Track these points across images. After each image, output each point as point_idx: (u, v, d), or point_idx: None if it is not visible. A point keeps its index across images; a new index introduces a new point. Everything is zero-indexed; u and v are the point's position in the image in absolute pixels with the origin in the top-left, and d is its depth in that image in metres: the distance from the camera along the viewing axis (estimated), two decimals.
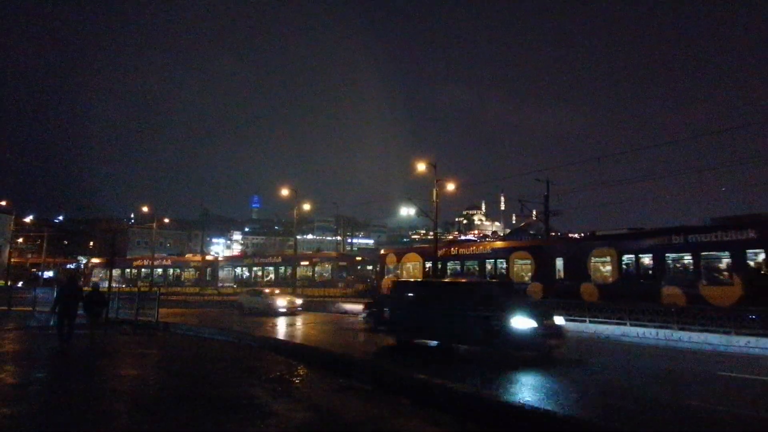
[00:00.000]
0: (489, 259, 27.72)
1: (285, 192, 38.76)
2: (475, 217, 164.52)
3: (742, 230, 18.37)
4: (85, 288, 17.16)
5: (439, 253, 29.71)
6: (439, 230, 30.93)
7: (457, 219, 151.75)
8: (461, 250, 29.95)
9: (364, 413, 6.78)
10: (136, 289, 30.46)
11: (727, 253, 18.76)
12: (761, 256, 17.71)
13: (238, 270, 44.16)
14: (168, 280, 46.75)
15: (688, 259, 19.84)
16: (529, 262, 25.68)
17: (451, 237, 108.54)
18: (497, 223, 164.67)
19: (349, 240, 68.07)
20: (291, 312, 24.50)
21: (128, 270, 49.35)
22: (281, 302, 24.77)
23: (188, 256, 52.32)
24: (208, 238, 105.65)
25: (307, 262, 40.63)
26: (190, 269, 46.88)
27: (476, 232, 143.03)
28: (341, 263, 39.70)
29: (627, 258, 21.62)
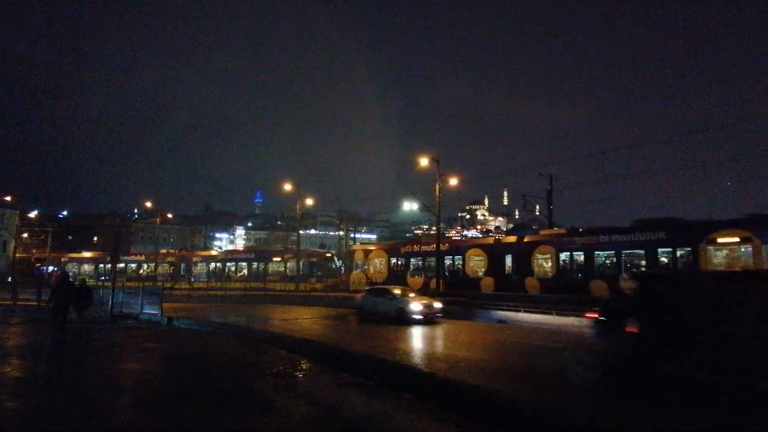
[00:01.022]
0: (448, 255, 29.60)
1: (288, 187, 38.81)
2: (478, 212, 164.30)
3: (654, 232, 21.04)
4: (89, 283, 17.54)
5: (404, 250, 32.45)
6: (442, 225, 30.93)
7: (459, 214, 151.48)
8: (423, 248, 31.74)
9: (367, 407, 6.80)
10: (139, 284, 30.63)
11: (642, 251, 21.39)
12: (669, 254, 20.66)
13: (212, 265, 44.70)
14: (141, 275, 47.15)
15: (612, 256, 22.43)
16: (482, 258, 27.83)
17: (454, 232, 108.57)
18: (500, 218, 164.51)
19: (352, 235, 68.00)
20: (428, 319, 17.88)
21: (101, 265, 49.71)
22: (416, 306, 18.03)
23: (162, 251, 52.81)
24: (212, 234, 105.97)
25: (279, 258, 41.98)
26: (165, 265, 47.51)
27: (479, 227, 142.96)
28: (312, 259, 41.34)
29: (564, 255, 24.08)
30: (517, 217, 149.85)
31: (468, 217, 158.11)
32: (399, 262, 32.46)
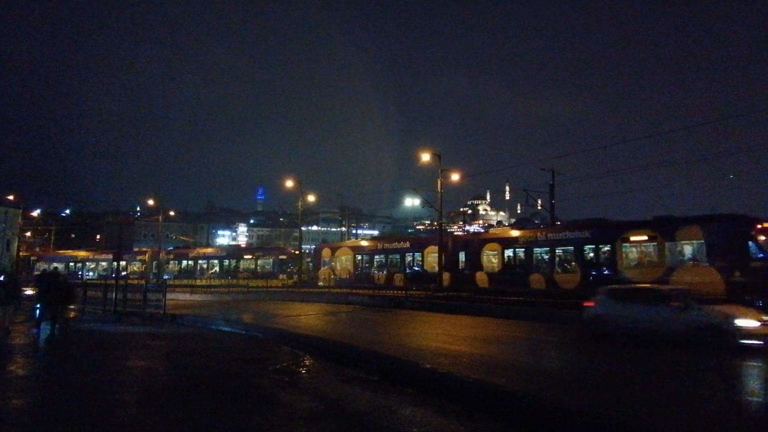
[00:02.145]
0: (408, 252, 31.72)
1: (290, 184, 38.82)
2: (480, 207, 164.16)
3: (582, 231, 23.28)
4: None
5: (368, 248, 34.33)
6: (443, 220, 30.96)
7: (461, 209, 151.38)
8: (386, 245, 33.86)
9: (371, 402, 6.82)
10: (142, 282, 30.73)
11: (572, 248, 23.43)
12: (593, 251, 22.83)
13: (185, 263, 45.07)
14: (111, 272, 47.68)
15: (547, 252, 24.51)
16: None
17: (456, 227, 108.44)
18: (502, 213, 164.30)
19: (354, 231, 68.05)
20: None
21: (72, 264, 50.08)
22: (748, 322, 10.88)
23: (135, 249, 53.16)
24: (214, 231, 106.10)
25: (250, 256, 43.13)
26: (136, 262, 47.82)
27: (481, 222, 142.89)
28: (282, 256, 42.54)
29: (508, 252, 26.06)
30: (519, 211, 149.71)
31: (470, 212, 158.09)
32: (364, 259, 34.01)
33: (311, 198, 42.56)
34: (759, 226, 18.90)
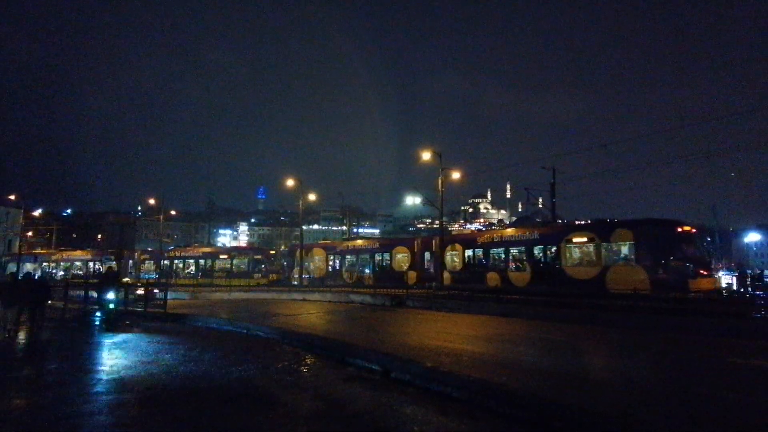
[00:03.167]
0: (377, 252, 33.52)
1: (290, 183, 38.75)
2: (481, 206, 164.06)
3: (531, 233, 25.60)
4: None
5: (340, 248, 36.07)
6: (444, 219, 30.99)
7: (462, 208, 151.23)
8: (357, 246, 35.49)
9: (372, 401, 6.81)
10: (143, 282, 30.80)
11: (523, 248, 25.44)
12: (541, 251, 24.79)
13: (162, 262, 45.44)
14: (85, 272, 47.62)
15: (502, 252, 26.52)
16: (406, 254, 31.60)
17: (457, 225, 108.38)
18: (503, 212, 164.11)
19: (355, 230, 68.04)
20: None
21: (46, 263, 50.34)
22: None
23: (110, 251, 53.50)
24: (215, 230, 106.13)
25: (225, 256, 44.13)
26: (111, 262, 47.96)
27: (482, 220, 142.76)
28: (257, 256, 43.54)
29: (469, 252, 28.03)
30: (520, 210, 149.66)
31: (471, 210, 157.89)
32: (336, 259, 35.69)
33: (312, 197, 42.50)
34: (680, 230, 21.41)
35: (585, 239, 23.06)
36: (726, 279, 37.80)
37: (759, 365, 9.80)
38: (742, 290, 26.07)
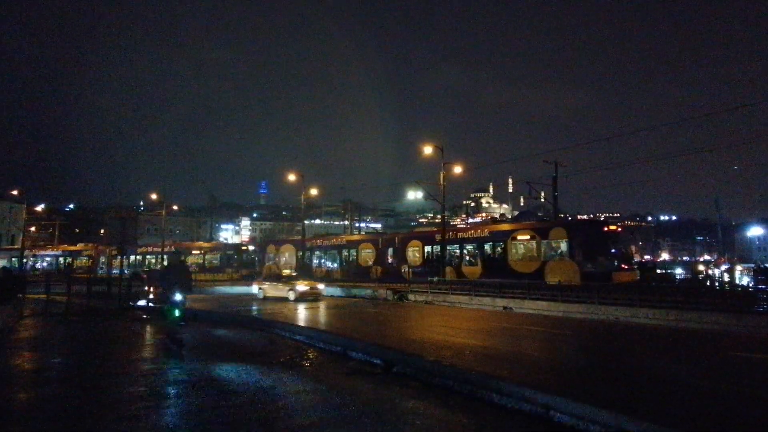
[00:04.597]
0: (344, 248, 35.63)
1: (292, 177, 38.74)
2: (483, 200, 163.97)
3: (482, 231, 28.15)
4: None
5: (310, 244, 38.03)
6: (446, 213, 31.00)
7: (464, 202, 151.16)
8: (324, 242, 37.80)
9: (375, 395, 6.84)
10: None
11: (475, 245, 27.86)
12: (491, 247, 27.25)
13: (132, 258, 45.53)
14: (59, 268, 48.03)
15: (457, 249, 28.80)
16: (371, 250, 33.65)
17: (459, 220, 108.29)
18: (505, 206, 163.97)
19: (357, 224, 68.02)
20: None
21: (26, 260, 50.85)
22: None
23: (80, 245, 53.80)
24: (217, 225, 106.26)
25: (198, 251, 44.89)
26: (83, 257, 48.15)
27: (484, 214, 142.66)
28: (229, 252, 44.87)
29: (428, 248, 30.36)
30: (522, 204, 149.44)
31: (473, 204, 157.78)
32: (306, 255, 37.26)
33: (314, 191, 42.43)
34: (606, 229, 24.08)
35: (528, 237, 25.49)
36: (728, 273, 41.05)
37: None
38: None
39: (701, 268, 51.74)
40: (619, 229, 25.28)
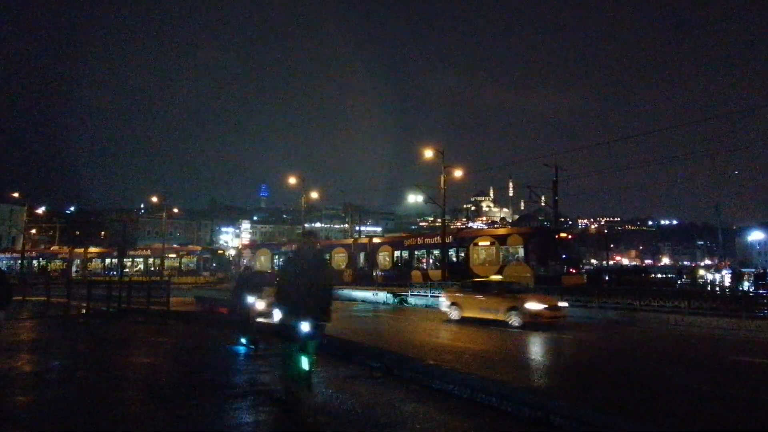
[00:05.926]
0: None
1: (292, 180, 38.80)
2: (483, 204, 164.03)
3: (448, 237, 29.16)
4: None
5: (284, 248, 39.59)
6: (447, 217, 31.01)
7: (465, 206, 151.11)
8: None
9: (375, 398, 6.84)
10: (146, 278, 30.91)
11: (440, 250, 29.15)
12: (455, 252, 29.21)
13: (108, 261, 45.85)
14: (35, 270, 48.10)
15: (424, 254, 31.18)
16: (344, 255, 35.24)
17: (459, 223, 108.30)
18: (505, 210, 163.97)
19: (357, 227, 68.05)
20: None
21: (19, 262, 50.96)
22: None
23: (54, 248, 53.75)
24: (218, 228, 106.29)
25: (174, 255, 45.38)
26: (57, 260, 48.18)
27: (484, 218, 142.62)
28: (205, 255, 45.63)
29: (397, 253, 32.57)
30: (522, 207, 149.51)
31: (473, 208, 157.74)
32: (281, 258, 38.11)
33: (314, 195, 42.60)
34: (558, 237, 26.32)
35: (488, 243, 27.76)
36: (728, 277, 42.14)
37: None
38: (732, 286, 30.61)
39: (702, 272, 51.95)
40: (570, 237, 27.87)
